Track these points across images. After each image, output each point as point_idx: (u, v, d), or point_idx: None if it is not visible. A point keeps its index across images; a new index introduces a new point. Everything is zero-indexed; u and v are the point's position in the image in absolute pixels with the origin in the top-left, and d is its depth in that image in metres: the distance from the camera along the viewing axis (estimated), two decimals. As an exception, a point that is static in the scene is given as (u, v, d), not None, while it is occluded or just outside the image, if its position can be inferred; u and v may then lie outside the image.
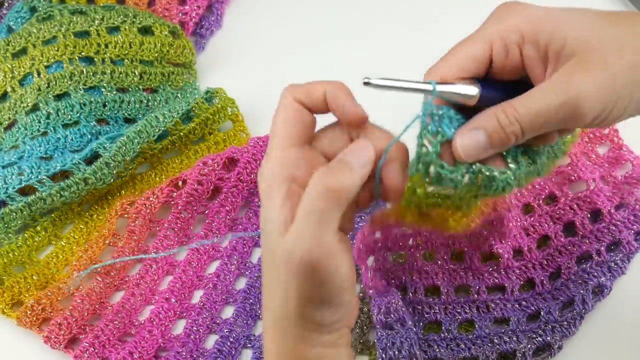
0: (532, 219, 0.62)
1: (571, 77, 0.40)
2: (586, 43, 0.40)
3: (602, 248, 0.60)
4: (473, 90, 0.42)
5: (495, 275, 0.61)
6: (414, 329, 0.57)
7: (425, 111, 0.41)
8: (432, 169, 0.41)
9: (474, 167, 0.42)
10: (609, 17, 0.42)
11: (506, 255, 0.60)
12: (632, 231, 0.61)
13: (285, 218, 0.41)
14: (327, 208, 0.40)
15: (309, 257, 0.40)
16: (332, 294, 0.42)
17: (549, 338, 0.57)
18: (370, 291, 0.54)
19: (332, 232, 0.40)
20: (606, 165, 0.65)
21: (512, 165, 0.42)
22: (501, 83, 0.44)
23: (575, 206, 0.62)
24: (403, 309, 0.57)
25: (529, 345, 0.57)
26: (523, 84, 0.43)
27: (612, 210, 0.61)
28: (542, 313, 0.58)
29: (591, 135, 0.66)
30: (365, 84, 0.40)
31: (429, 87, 0.41)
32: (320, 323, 0.43)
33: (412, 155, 0.43)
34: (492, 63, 0.43)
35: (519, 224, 0.62)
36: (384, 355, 0.54)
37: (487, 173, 0.42)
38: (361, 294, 0.61)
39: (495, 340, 0.58)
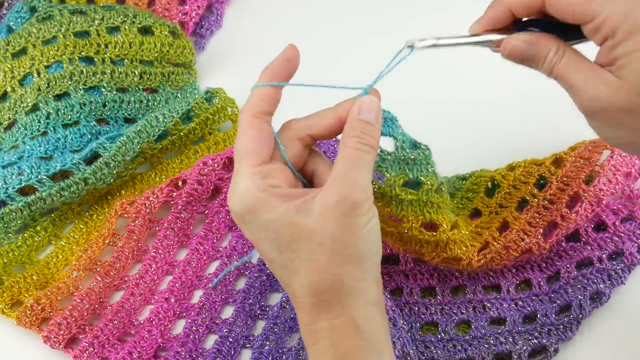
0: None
1: (601, 84, 0.46)
2: (635, 82, 0.45)
3: (604, 256, 0.60)
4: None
5: (491, 274, 0.61)
6: (406, 327, 0.58)
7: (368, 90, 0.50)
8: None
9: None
10: None
11: None
12: (636, 244, 0.61)
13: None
14: (367, 159, 0.47)
15: (362, 201, 0.46)
16: (370, 234, 0.47)
17: (544, 341, 0.58)
18: None
19: (370, 179, 0.47)
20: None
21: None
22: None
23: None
24: (393, 309, 0.57)
25: (524, 347, 0.57)
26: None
27: (617, 223, 0.61)
28: (538, 315, 0.59)
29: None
30: (410, 47, 0.49)
31: (466, 37, 0.51)
32: (364, 269, 0.47)
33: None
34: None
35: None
36: None
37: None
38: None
39: (492, 341, 0.58)
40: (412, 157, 0.51)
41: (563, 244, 0.61)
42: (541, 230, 0.59)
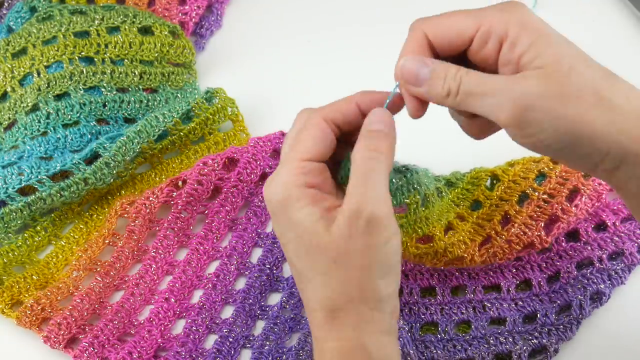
0: None
1: (523, 79, 0.42)
2: (557, 63, 0.42)
3: (604, 256, 0.60)
4: None
5: (491, 274, 0.61)
6: (406, 327, 0.58)
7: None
8: None
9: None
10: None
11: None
12: (636, 244, 0.61)
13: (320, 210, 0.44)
14: (378, 168, 0.43)
15: (378, 213, 0.42)
16: (390, 254, 0.44)
17: (544, 341, 0.58)
18: None
19: (386, 189, 0.43)
20: None
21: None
22: None
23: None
24: None
25: (524, 347, 0.57)
26: None
27: (617, 223, 0.62)
28: (538, 315, 0.59)
29: None
30: None
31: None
32: (380, 297, 0.44)
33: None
34: (471, 45, 0.45)
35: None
36: None
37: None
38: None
39: (492, 341, 0.58)
40: (395, 187, 0.51)
41: (563, 244, 0.61)
42: (542, 224, 0.59)
